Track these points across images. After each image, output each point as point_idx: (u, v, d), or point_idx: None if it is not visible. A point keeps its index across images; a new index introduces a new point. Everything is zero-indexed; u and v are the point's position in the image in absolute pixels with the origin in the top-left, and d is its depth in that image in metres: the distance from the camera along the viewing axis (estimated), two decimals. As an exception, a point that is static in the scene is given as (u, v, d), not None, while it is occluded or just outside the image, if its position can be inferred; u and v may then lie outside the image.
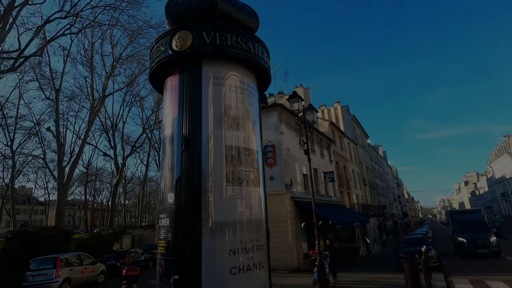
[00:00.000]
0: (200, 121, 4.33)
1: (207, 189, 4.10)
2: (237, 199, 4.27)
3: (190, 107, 4.40)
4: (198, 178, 4.10)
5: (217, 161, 4.23)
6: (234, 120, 4.54)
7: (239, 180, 4.31)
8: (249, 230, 4.29)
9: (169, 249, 4.09)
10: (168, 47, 4.61)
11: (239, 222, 4.21)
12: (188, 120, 4.35)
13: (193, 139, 4.24)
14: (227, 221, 4.09)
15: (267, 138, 19.57)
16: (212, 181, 4.13)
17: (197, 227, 3.94)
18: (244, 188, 4.36)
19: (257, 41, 5.03)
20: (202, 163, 4.18)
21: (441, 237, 39.61)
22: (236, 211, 4.23)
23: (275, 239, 17.65)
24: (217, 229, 4.00)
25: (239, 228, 4.19)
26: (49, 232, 15.93)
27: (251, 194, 4.47)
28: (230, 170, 4.27)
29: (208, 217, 4.01)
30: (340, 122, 41.26)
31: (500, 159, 64.13)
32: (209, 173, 4.15)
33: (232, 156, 4.34)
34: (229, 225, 4.09)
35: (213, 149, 4.26)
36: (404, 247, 17.54)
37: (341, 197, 28.15)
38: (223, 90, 4.58)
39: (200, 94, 4.45)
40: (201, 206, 4.01)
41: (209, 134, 4.31)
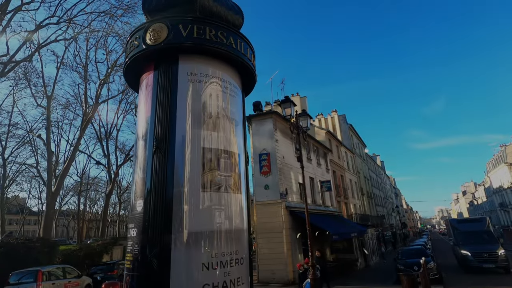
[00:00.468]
0: (174, 120, 3.94)
1: (179, 195, 3.68)
2: (214, 206, 3.84)
3: (164, 105, 4.01)
4: (169, 184, 3.68)
5: (192, 164, 3.82)
6: (213, 120, 4.15)
7: (217, 186, 3.90)
8: (227, 242, 3.85)
9: (135, 264, 3.63)
10: (142, 41, 4.26)
11: (216, 232, 3.78)
12: (160, 119, 3.95)
13: (165, 140, 3.84)
14: (202, 231, 3.65)
15: (261, 146, 19.20)
16: (185, 187, 3.71)
17: (166, 238, 3.49)
18: (222, 194, 3.94)
19: (240, 37, 4.69)
20: (175, 166, 3.77)
21: (441, 248, 38.91)
22: (212, 220, 3.80)
23: (270, 250, 17.06)
24: (190, 241, 3.56)
25: (216, 240, 3.75)
26: (33, 243, 15.28)
27: (231, 201, 4.05)
28: (207, 174, 3.85)
29: (180, 227, 3.57)
30: (337, 131, 41.02)
31: (497, 169, 63.90)
32: (182, 178, 3.74)
33: (209, 159, 3.93)
34: (204, 236, 3.65)
35: (188, 151, 3.86)
36: (402, 258, 17.01)
37: (338, 207, 27.62)
38: (201, 87, 4.21)
39: (175, 92, 4.07)
40: (172, 215, 3.58)
41: (184, 135, 3.92)
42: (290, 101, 9.59)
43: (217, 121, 4.19)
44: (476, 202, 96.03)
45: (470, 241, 18.87)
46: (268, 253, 16.74)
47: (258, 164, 18.75)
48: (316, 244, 20.54)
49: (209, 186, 3.84)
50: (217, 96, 4.32)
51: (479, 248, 17.79)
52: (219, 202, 3.91)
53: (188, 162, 3.82)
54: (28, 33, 18.07)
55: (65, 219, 73.25)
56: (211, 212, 3.82)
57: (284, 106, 9.76)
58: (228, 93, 4.50)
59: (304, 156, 23.43)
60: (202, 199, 3.77)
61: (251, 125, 19.94)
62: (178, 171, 3.76)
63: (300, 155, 10.16)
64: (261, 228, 17.54)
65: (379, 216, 44.27)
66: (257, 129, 19.66)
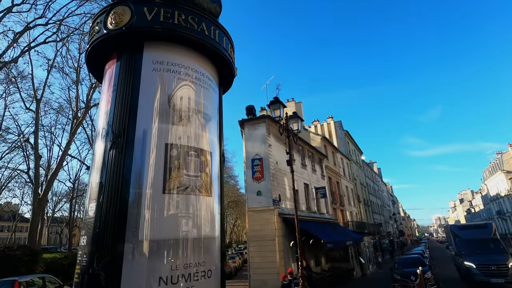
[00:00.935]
0: (136, 113, 3.48)
1: (137, 198, 3.20)
2: (179, 211, 3.35)
3: (124, 96, 3.56)
4: (126, 184, 3.21)
5: (153, 162, 3.35)
6: (181, 113, 3.70)
7: (183, 187, 3.42)
8: (194, 251, 3.36)
9: (83, 278, 3.12)
10: (103, 26, 3.83)
11: (180, 241, 3.29)
12: (119, 112, 3.49)
13: (123, 135, 3.38)
14: (163, 239, 3.16)
15: (254, 151, 18.73)
16: (145, 188, 3.24)
17: (118, 247, 3.00)
18: (190, 197, 3.46)
19: (215, 25, 4.28)
20: (134, 164, 3.30)
21: (440, 257, 38.30)
22: (176, 227, 3.31)
23: (262, 259, 16.45)
24: (148, 251, 3.07)
25: (180, 249, 3.26)
26: (14, 251, 14.56)
27: (200, 205, 3.57)
28: (171, 174, 3.38)
29: (136, 234, 3.08)
30: (333, 138, 40.68)
31: (494, 177, 63.68)
32: (142, 177, 3.27)
33: (174, 157, 3.47)
34: (166, 245, 3.16)
35: (150, 148, 3.39)
36: (399, 268, 16.43)
37: (334, 214, 27.06)
38: (168, 77, 3.77)
39: (138, 82, 3.63)
40: (126, 220, 3.09)
41: (146, 129, 3.46)
42: (279, 102, 9.18)
43: (185, 115, 3.74)
44: (474, 210, 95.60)
45: (475, 251, 16.23)
46: (260, 262, 16.12)
47: (251, 169, 18.24)
48: (311, 253, 19.95)
49: (173, 187, 3.36)
50: (186, 87, 3.87)
51: (486, 259, 15.10)
52: (185, 206, 3.43)
53: (150, 159, 3.35)
54: (15, 34, 17.66)
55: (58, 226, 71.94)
56: (175, 217, 3.34)
57: (273, 107, 9.32)
58: (201, 85, 4.06)
59: (299, 162, 22.95)
60: (164, 202, 3.29)
61: (244, 129, 19.50)
62: (137, 169, 3.28)
63: (290, 158, 9.68)
64: (253, 236, 16.94)
65: (376, 224, 43.64)
66: (250, 133, 19.21)
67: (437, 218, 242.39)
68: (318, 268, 20.39)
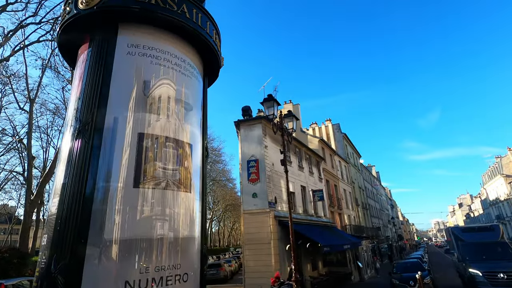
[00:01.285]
0: (106, 100, 3.16)
1: (104, 192, 2.87)
2: (151, 207, 3.02)
3: (95, 82, 3.24)
4: (92, 177, 2.88)
5: (124, 153, 3.03)
6: (157, 101, 3.38)
7: (156, 181, 3.10)
8: (168, 253, 3.02)
9: (42, 283, 2.78)
10: (74, 6, 3.52)
11: (152, 241, 2.94)
12: (89, 98, 3.17)
13: (92, 123, 3.05)
14: (131, 239, 2.82)
15: (250, 152, 18.40)
16: (113, 181, 2.91)
17: (80, 247, 2.66)
18: (165, 192, 3.13)
19: (198, 8, 3.97)
20: (102, 155, 2.97)
21: (439, 262, 37.88)
22: (147, 226, 2.97)
23: (257, 263, 16.05)
24: (113, 252, 2.73)
25: (152, 250, 2.92)
26: (2, 253, 14.16)
27: (177, 201, 3.24)
28: (143, 166, 3.05)
29: (101, 233, 2.75)
30: (331, 140, 40.40)
31: (493, 181, 63.43)
32: (110, 169, 2.94)
33: (148, 148, 3.14)
34: (133, 246, 2.82)
35: (120, 137, 3.07)
36: (397, 272, 16.07)
37: (331, 218, 26.68)
38: (144, 62, 3.45)
39: (110, 66, 3.31)
40: (90, 217, 2.76)
41: (116, 117, 3.13)
42: (273, 100, 8.88)
43: (163, 103, 3.42)
44: (473, 215, 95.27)
45: (480, 256, 14.50)
46: (255, 265, 15.72)
47: (246, 171, 17.88)
48: (307, 257, 19.55)
49: (146, 181, 3.03)
50: (165, 73, 3.56)
51: (493, 265, 13.32)
52: (160, 202, 3.10)
53: (120, 150, 3.03)
54: (9, 33, 17.37)
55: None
56: (147, 214, 3.01)
57: (267, 105, 9.00)
58: (181, 72, 3.75)
59: (296, 164, 22.63)
60: (135, 198, 2.96)
61: (239, 130, 19.18)
62: (105, 161, 2.95)
63: (284, 158, 9.36)
64: (249, 239, 16.55)
65: (374, 228, 43.23)
66: (245, 134, 18.89)
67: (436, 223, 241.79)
68: (315, 272, 19.98)
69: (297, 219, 19.32)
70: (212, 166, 45.80)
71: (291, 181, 20.89)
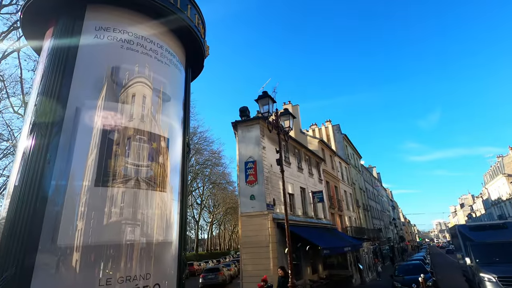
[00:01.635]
0: (68, 88, 2.81)
1: (60, 192, 2.50)
2: (115, 209, 2.66)
3: (57, 68, 2.89)
4: (47, 175, 2.51)
5: (86, 147, 2.66)
6: (127, 89, 3.02)
7: (124, 179, 2.73)
8: (138, 260, 2.65)
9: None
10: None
11: (119, 247, 2.58)
12: (49, 87, 2.82)
13: (50, 115, 2.69)
14: (94, 245, 2.46)
15: (248, 154, 18.01)
16: (70, 179, 2.54)
17: (28, 256, 2.29)
18: (133, 191, 2.76)
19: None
20: (60, 150, 2.61)
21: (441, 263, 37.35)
22: (113, 229, 2.61)
23: (255, 267, 15.60)
24: (69, 260, 2.36)
25: (121, 257, 2.55)
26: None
27: (149, 201, 2.87)
28: (107, 162, 2.69)
29: (54, 239, 2.38)
30: (332, 142, 40.01)
31: (495, 180, 62.93)
32: (67, 166, 2.57)
33: (114, 141, 2.78)
34: (95, 253, 2.45)
35: (82, 129, 2.71)
36: (399, 275, 15.62)
37: (332, 220, 26.23)
38: (113, 47, 3.10)
39: (74, 51, 2.96)
40: (42, 221, 2.39)
41: (79, 107, 2.78)
42: (268, 97, 8.52)
43: (134, 92, 3.06)
44: (475, 215, 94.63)
45: (493, 258, 12.53)
46: (252, 270, 15.28)
47: (244, 172, 17.48)
48: (307, 260, 19.10)
49: (112, 179, 2.67)
50: (138, 59, 3.20)
51: (509, 269, 11.59)
52: (129, 202, 2.73)
53: (82, 144, 2.66)
54: (1, 35, 17.07)
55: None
56: (112, 216, 2.64)
57: (261, 102, 8.64)
58: (158, 58, 3.39)
59: (295, 165, 22.22)
60: (99, 197, 2.60)
61: (237, 131, 18.81)
62: (63, 156, 2.59)
63: (280, 157, 8.99)
64: (246, 243, 16.11)
65: (375, 230, 42.72)
66: (243, 135, 18.51)
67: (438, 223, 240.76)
68: (315, 276, 19.53)
69: (296, 221, 18.92)
70: (212, 169, 45.40)
71: (290, 182, 20.51)
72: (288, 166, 20.93)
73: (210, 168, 44.56)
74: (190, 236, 75.29)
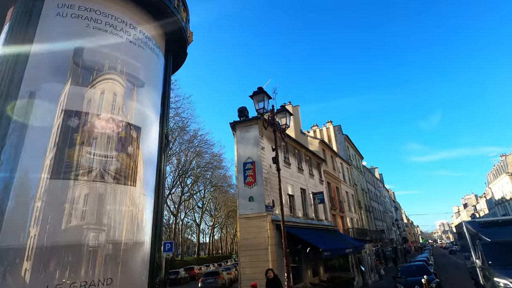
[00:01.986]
0: (23, 70, 2.50)
1: (6, 185, 2.18)
2: (73, 205, 2.33)
3: (12, 51, 2.58)
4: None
5: (40, 134, 2.35)
6: (92, 72, 2.71)
7: (83, 170, 2.41)
8: (102, 264, 2.32)
9: None
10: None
11: (78, 248, 2.25)
12: (4, 68, 2.51)
13: (2, 98, 2.38)
14: (44, 246, 2.13)
15: (246, 154, 17.69)
16: (19, 171, 2.23)
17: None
18: (96, 185, 2.44)
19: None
20: (9, 137, 2.29)
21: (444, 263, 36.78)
22: (71, 228, 2.28)
23: (253, 270, 15.22)
24: (12, 263, 2.04)
25: (81, 260, 2.23)
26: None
27: (115, 196, 2.55)
28: (66, 152, 2.37)
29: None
30: (333, 142, 39.64)
31: (499, 180, 62.32)
32: (16, 155, 2.26)
33: (73, 129, 2.46)
34: (42, 255, 2.13)
35: (37, 114, 2.40)
36: (402, 277, 15.20)
37: (333, 221, 25.82)
38: (77, 25, 2.79)
39: (33, 30, 2.66)
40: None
41: (33, 91, 2.47)
42: (263, 92, 8.20)
43: (100, 75, 2.75)
44: (478, 215, 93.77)
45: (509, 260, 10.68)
46: (251, 273, 14.89)
47: (242, 174, 17.13)
48: (308, 262, 18.69)
49: (69, 170, 2.36)
50: (106, 39, 2.89)
51: None
52: (90, 197, 2.41)
53: (34, 131, 2.35)
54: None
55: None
56: (69, 213, 2.32)
57: (256, 98, 8.32)
58: (130, 40, 3.08)
59: (295, 166, 21.86)
60: (54, 191, 2.28)
61: (235, 132, 18.51)
62: (11, 145, 2.28)
63: (276, 155, 8.68)
64: (245, 245, 15.74)
65: (378, 231, 42.20)
66: (241, 136, 18.20)
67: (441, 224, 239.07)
68: (316, 279, 19.13)
69: (296, 223, 18.55)
70: (213, 172, 45.06)
71: (290, 183, 20.18)
72: (288, 166, 20.58)
73: (211, 171, 44.26)
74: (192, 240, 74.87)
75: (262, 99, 8.22)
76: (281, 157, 20.38)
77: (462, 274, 18.85)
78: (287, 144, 22.12)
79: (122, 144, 2.68)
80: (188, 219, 55.40)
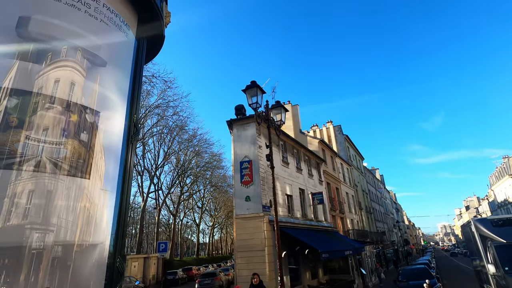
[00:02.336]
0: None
1: None
2: (12, 198, 1.95)
3: None
4: None
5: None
6: (38, 45, 2.32)
7: (17, 158, 2.02)
8: (47, 269, 1.94)
9: None
10: None
11: (17, 250, 1.87)
12: None
13: None
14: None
15: (243, 153, 17.31)
16: None
17: None
18: (36, 176, 2.06)
19: None
20: None
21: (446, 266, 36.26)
22: (8, 228, 1.90)
23: (249, 271, 14.81)
24: None
25: (21, 263, 1.85)
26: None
27: (62, 190, 2.16)
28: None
29: None
30: (333, 143, 39.23)
31: (501, 182, 61.65)
32: None
33: (10, 109, 2.08)
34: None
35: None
36: (403, 280, 14.77)
37: (333, 222, 25.40)
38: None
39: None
40: None
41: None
42: (256, 86, 7.82)
43: (48, 49, 2.37)
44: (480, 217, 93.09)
45: None
46: (248, 275, 14.47)
47: (239, 173, 16.75)
48: (306, 264, 18.27)
49: (4, 157, 1.98)
50: (60, 11, 2.51)
51: None
52: (27, 190, 2.03)
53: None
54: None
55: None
56: (7, 210, 1.95)
57: (249, 93, 7.94)
58: (90, 13, 2.70)
59: (294, 166, 21.47)
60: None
61: (232, 130, 18.14)
62: None
63: (270, 152, 8.30)
64: (241, 246, 15.35)
65: (379, 233, 41.68)
66: (238, 134, 17.83)
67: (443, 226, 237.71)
68: (314, 281, 18.71)
69: (294, 223, 18.16)
70: (213, 171, 44.72)
71: (288, 183, 19.77)
72: (286, 166, 20.19)
73: (211, 171, 43.86)
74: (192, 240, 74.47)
75: (255, 94, 7.84)
76: (279, 156, 19.98)
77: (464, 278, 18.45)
78: (286, 143, 21.72)
79: (74, 129, 2.29)
80: (187, 219, 55.02)
